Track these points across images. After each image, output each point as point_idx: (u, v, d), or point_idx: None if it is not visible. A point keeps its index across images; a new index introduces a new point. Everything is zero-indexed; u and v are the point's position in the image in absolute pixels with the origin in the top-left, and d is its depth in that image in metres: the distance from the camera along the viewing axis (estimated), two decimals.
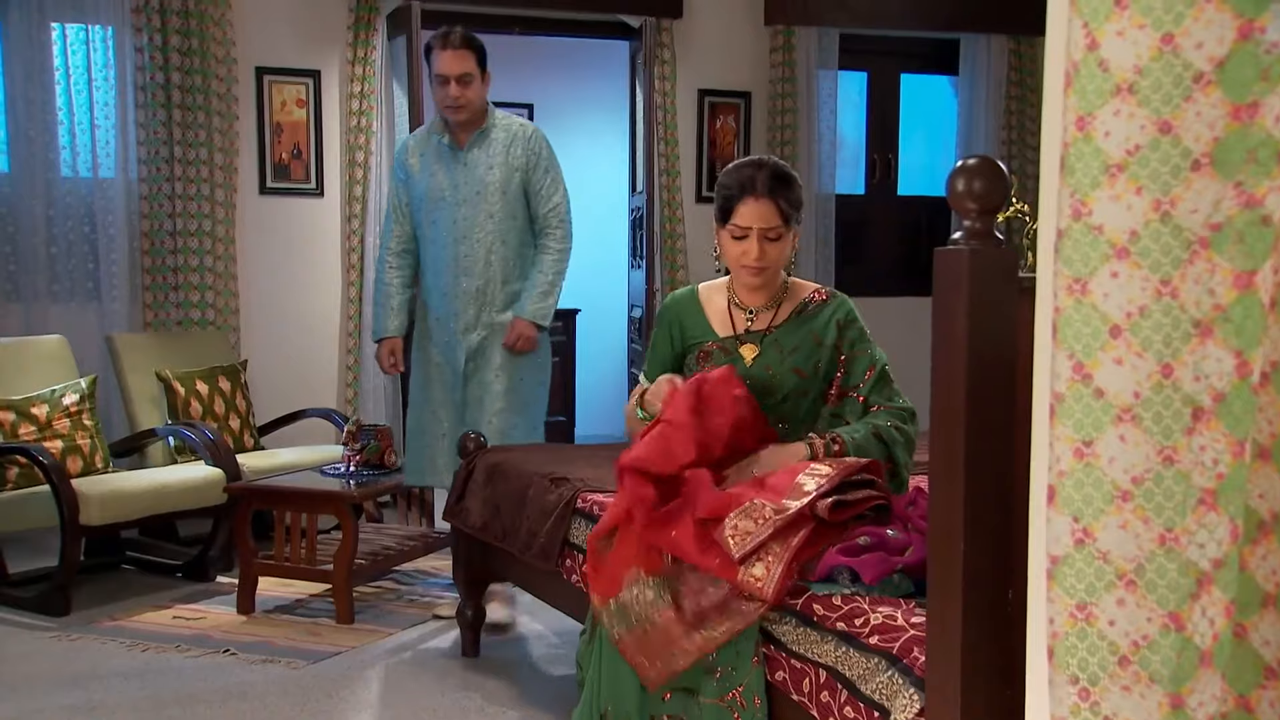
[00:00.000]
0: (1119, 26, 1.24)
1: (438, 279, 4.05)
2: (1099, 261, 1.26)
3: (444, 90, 3.90)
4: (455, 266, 4.01)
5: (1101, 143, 1.25)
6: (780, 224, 2.63)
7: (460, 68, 3.90)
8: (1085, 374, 1.27)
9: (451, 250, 4.01)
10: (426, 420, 4.11)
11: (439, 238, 4.02)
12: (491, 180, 3.98)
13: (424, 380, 4.13)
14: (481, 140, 4.00)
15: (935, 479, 1.94)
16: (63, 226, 5.30)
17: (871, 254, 6.85)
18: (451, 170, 3.99)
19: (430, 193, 4.02)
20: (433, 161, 4.02)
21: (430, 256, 4.07)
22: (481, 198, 3.98)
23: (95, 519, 4.16)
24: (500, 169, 3.98)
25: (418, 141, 4.10)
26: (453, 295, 4.03)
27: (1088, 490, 1.27)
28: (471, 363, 4.05)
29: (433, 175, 4.01)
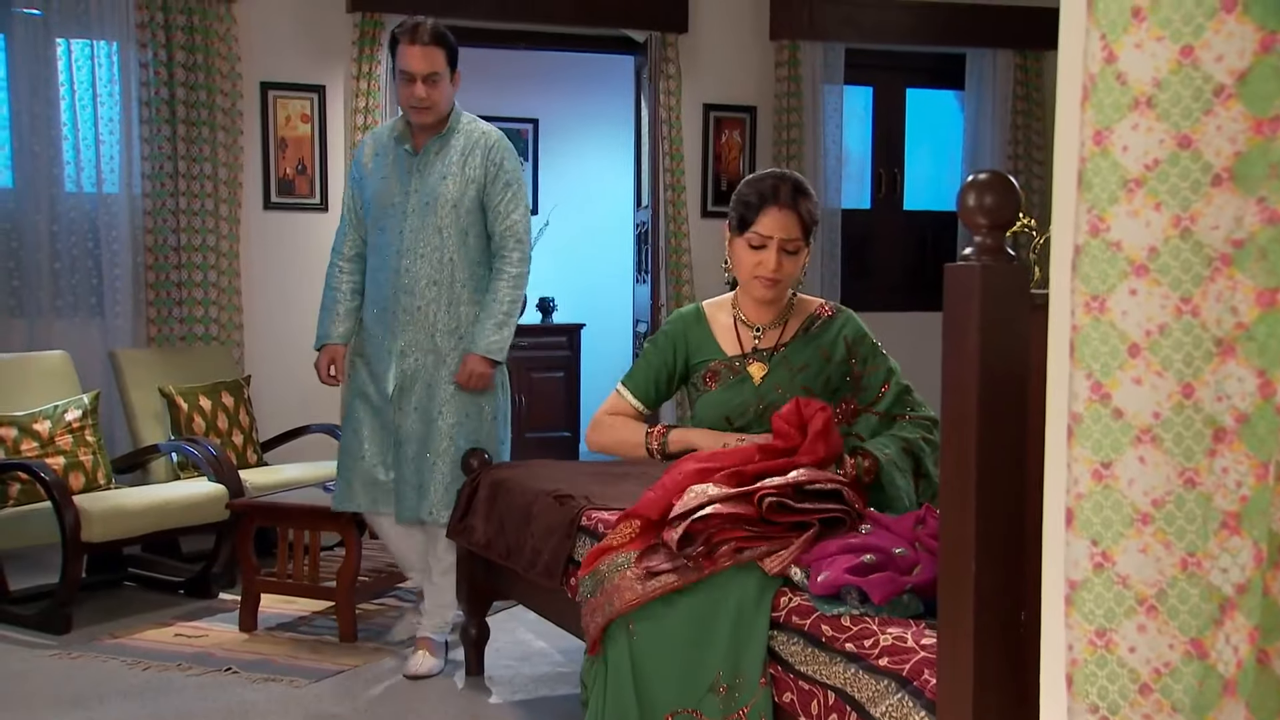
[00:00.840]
0: (1137, 39, 1.22)
1: (378, 293, 3.71)
2: (1117, 279, 1.23)
3: (409, 89, 3.56)
4: (396, 282, 3.64)
5: (1119, 157, 1.23)
6: (800, 236, 2.62)
7: (429, 65, 3.55)
8: (1104, 394, 1.24)
9: (394, 264, 3.64)
10: (349, 440, 3.79)
11: (383, 248, 3.67)
12: (445, 192, 3.61)
13: (353, 397, 3.81)
14: (439, 146, 3.65)
15: (946, 497, 1.91)
16: (66, 242, 5.29)
17: (877, 268, 6.83)
18: (405, 176, 3.65)
19: (380, 198, 3.67)
20: (387, 164, 3.68)
21: (373, 267, 3.73)
22: (432, 210, 3.61)
23: (97, 536, 4.14)
24: (455, 180, 3.62)
25: (377, 140, 3.76)
26: (391, 313, 3.67)
27: (1107, 513, 1.24)
28: (402, 390, 3.68)
29: (384, 179, 3.67)
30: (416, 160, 3.65)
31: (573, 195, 7.90)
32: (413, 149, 3.66)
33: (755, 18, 6.32)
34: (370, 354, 3.76)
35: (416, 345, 3.66)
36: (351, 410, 3.81)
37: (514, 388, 7.21)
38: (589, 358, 7.46)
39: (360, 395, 3.78)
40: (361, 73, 5.66)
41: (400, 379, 3.68)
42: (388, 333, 3.69)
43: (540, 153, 7.96)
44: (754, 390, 2.67)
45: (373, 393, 3.75)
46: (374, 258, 3.72)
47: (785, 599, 2.32)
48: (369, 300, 3.77)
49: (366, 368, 3.77)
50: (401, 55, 3.57)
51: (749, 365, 2.71)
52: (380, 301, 3.71)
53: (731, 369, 2.72)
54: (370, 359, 3.76)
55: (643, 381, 2.81)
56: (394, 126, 3.72)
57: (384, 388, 3.71)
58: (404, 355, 3.67)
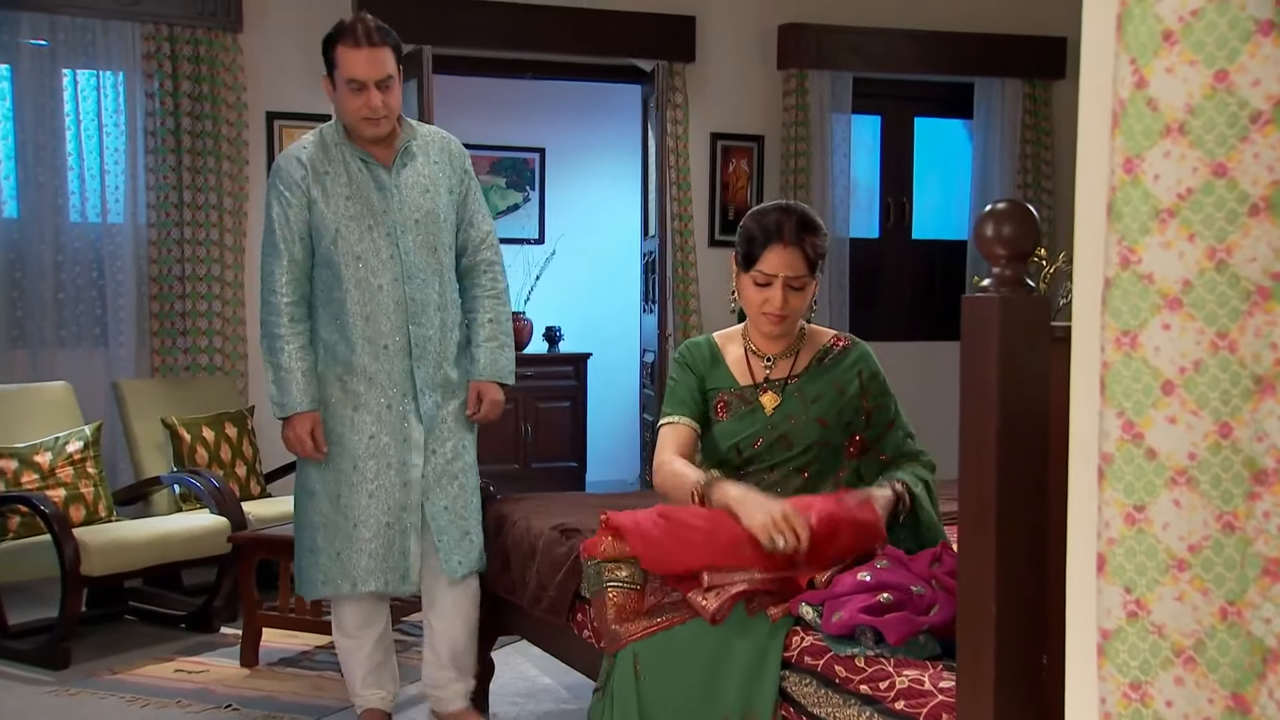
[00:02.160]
0: (1168, 63, 1.17)
1: (369, 328, 3.16)
2: (1149, 313, 1.18)
3: (359, 99, 3.09)
4: (400, 312, 3.17)
5: (1151, 186, 1.18)
6: (806, 273, 2.57)
7: (380, 69, 3.10)
8: (1136, 433, 1.19)
9: (393, 292, 3.17)
10: (330, 514, 3.20)
11: (371, 278, 3.15)
12: (434, 206, 3.24)
13: (336, 463, 3.20)
14: (408, 156, 3.24)
15: (965, 536, 1.85)
16: (71, 272, 5.26)
17: (886, 298, 6.79)
18: (384, 195, 3.18)
19: (351, 223, 3.15)
20: (345, 185, 3.16)
21: (355, 302, 3.15)
22: (423, 227, 3.21)
23: (97, 569, 4.08)
24: (438, 192, 3.25)
25: (311, 160, 3.18)
26: (395, 350, 3.18)
27: (1140, 559, 1.18)
28: (428, 434, 3.24)
29: (351, 201, 3.16)
30: (390, 175, 3.20)
31: (579, 224, 7.87)
32: (378, 162, 3.19)
33: (763, 47, 6.31)
34: (369, 404, 3.20)
35: (429, 381, 3.24)
36: (333, 477, 3.21)
37: (519, 417, 7.19)
38: (595, 387, 7.41)
39: (350, 458, 3.19)
40: None
41: (427, 422, 3.23)
42: (386, 372, 3.19)
43: (547, 182, 7.93)
44: (765, 420, 2.63)
45: (387, 449, 3.20)
46: (356, 292, 3.16)
47: (797, 638, 2.27)
48: (351, 342, 3.18)
49: (369, 423, 3.20)
50: (345, 61, 3.10)
51: (761, 395, 2.66)
52: (373, 338, 3.18)
53: (743, 399, 2.67)
54: (372, 411, 3.20)
55: (680, 402, 2.71)
56: (328, 140, 3.20)
57: (404, 437, 3.21)
58: (422, 394, 3.22)
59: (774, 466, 2.62)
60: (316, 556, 3.23)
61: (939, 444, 3.47)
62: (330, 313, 3.20)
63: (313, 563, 3.24)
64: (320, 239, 3.18)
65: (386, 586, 3.23)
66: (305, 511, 3.27)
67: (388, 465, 3.20)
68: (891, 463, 2.67)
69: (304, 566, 3.27)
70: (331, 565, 3.21)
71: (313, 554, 3.24)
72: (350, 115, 3.14)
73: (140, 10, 5.25)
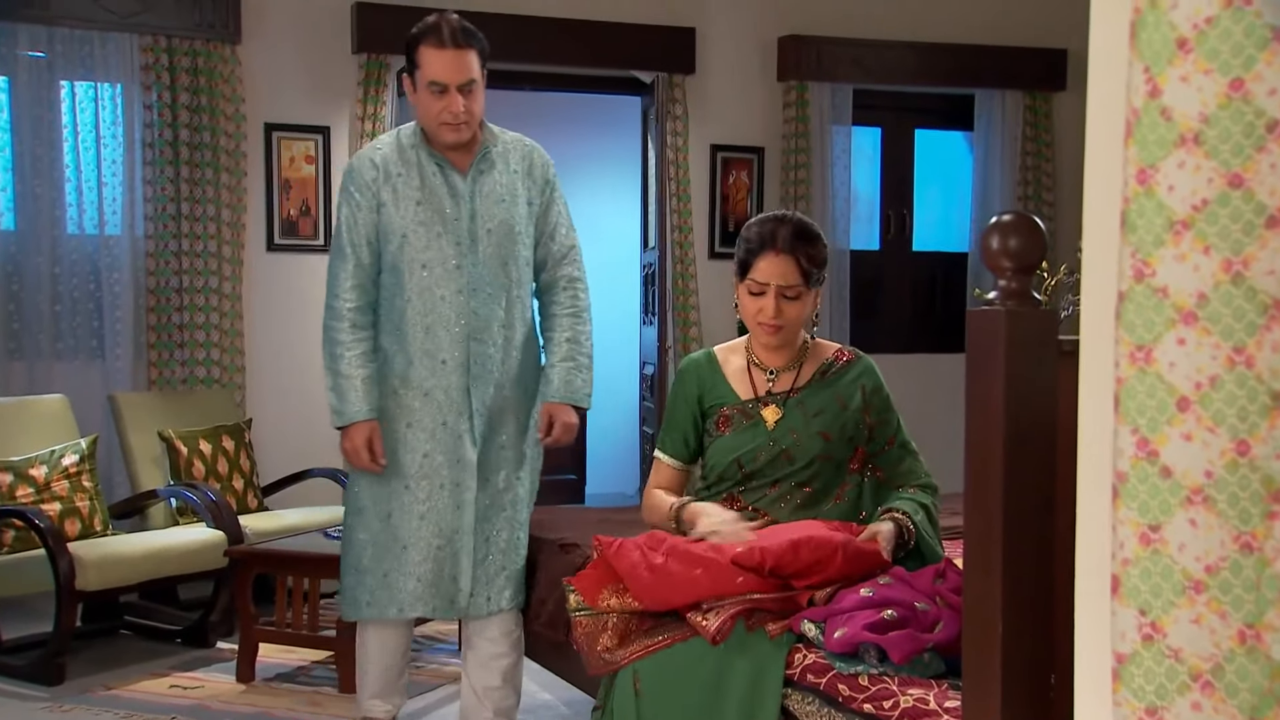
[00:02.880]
0: (1182, 71, 1.14)
1: (428, 340, 3.03)
2: (1164, 327, 1.15)
3: (441, 102, 2.96)
4: (463, 327, 3.02)
5: (1165, 197, 1.15)
6: (799, 282, 2.54)
7: (466, 73, 2.97)
8: (1150, 451, 1.16)
9: (456, 305, 3.01)
10: (380, 533, 3.05)
11: (434, 288, 3.01)
12: (512, 217, 3.08)
13: (387, 480, 3.06)
14: (486, 164, 3.08)
15: (971, 553, 1.82)
16: (68, 284, 5.23)
17: (886, 310, 6.76)
18: (456, 202, 3.04)
19: (420, 228, 3.02)
20: (416, 188, 3.02)
21: (416, 311, 3.02)
22: (495, 238, 3.05)
23: (92, 584, 4.05)
24: (516, 202, 3.09)
25: (385, 161, 3.05)
26: (452, 366, 3.03)
27: (1156, 580, 1.15)
28: (483, 457, 3.08)
29: (422, 206, 3.02)
30: (467, 183, 3.05)
31: (579, 236, 7.84)
32: (456, 169, 3.05)
33: (763, 59, 6.29)
34: (422, 421, 3.05)
35: (486, 402, 3.07)
36: (385, 493, 3.06)
37: None
38: (595, 399, 7.31)
39: (405, 477, 3.05)
40: (366, 114, 5.62)
41: (481, 445, 3.08)
42: (444, 389, 3.03)
43: None
44: (767, 434, 2.60)
45: (440, 469, 3.04)
46: (419, 301, 3.02)
47: (800, 655, 2.24)
48: (411, 353, 3.04)
49: (422, 440, 3.06)
50: (428, 62, 2.96)
51: (762, 409, 2.63)
52: (433, 352, 3.03)
53: (744, 413, 2.64)
54: (425, 429, 3.05)
55: (673, 441, 2.73)
56: (404, 143, 3.07)
57: (459, 457, 3.05)
58: (478, 415, 3.06)
59: (776, 482, 2.59)
60: (363, 577, 3.07)
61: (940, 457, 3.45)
62: (391, 321, 3.05)
63: (358, 582, 3.08)
64: (387, 243, 3.03)
65: (434, 612, 3.10)
66: (354, 529, 3.10)
67: (440, 486, 3.04)
68: (891, 482, 2.64)
69: (349, 586, 3.11)
70: (379, 587, 3.06)
71: (359, 574, 3.08)
72: (430, 119, 3.00)
73: (139, 22, 5.23)
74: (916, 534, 2.51)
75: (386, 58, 5.65)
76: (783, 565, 2.29)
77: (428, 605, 3.07)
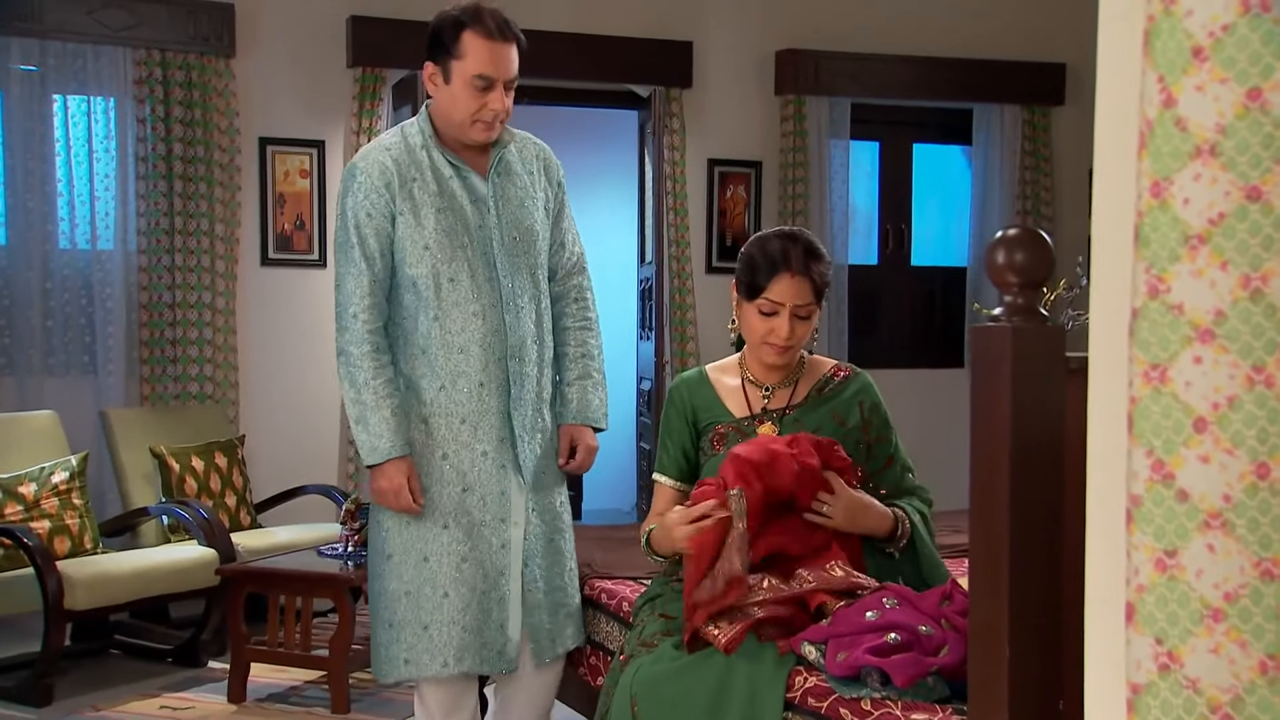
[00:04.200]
0: (1198, 80, 1.10)
1: (462, 362, 2.70)
2: (1179, 345, 1.11)
3: (482, 99, 2.66)
4: (497, 344, 2.71)
5: (1180, 211, 1.11)
6: (813, 300, 2.51)
7: (512, 68, 2.70)
8: (1166, 473, 1.12)
9: (491, 321, 2.70)
10: (415, 580, 2.70)
11: (464, 303, 2.69)
12: (534, 220, 2.79)
13: (420, 520, 2.71)
14: (505, 165, 2.79)
15: (976, 575, 1.78)
16: (59, 299, 5.19)
17: (884, 325, 6.73)
18: (479, 208, 2.73)
19: (445, 240, 2.69)
20: (437, 196, 2.70)
21: (445, 331, 2.69)
22: (523, 245, 2.76)
23: (81, 603, 4.00)
24: (539, 205, 2.82)
25: (397, 163, 2.70)
26: (490, 388, 2.71)
27: (1172, 608, 1.10)
28: (534, 489, 2.78)
29: (444, 214, 2.69)
30: (485, 186, 2.75)
31: None
32: (469, 169, 2.74)
33: (760, 72, 6.27)
34: (456, 455, 2.72)
35: (527, 426, 2.76)
36: (409, 537, 2.71)
37: None
38: None
39: (431, 514, 2.71)
40: (362, 128, 5.59)
41: (527, 475, 2.77)
42: (482, 413, 2.72)
43: None
44: None
45: (474, 507, 2.72)
46: (447, 318, 2.70)
47: (800, 678, 2.20)
48: (438, 376, 2.71)
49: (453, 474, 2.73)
50: (475, 52, 2.64)
51: (758, 427, 2.58)
52: (470, 374, 2.70)
53: (740, 431, 2.59)
54: (459, 464, 2.72)
55: (671, 461, 2.67)
56: (412, 142, 2.74)
57: (498, 491, 2.73)
58: (520, 440, 2.75)
59: None
60: (398, 631, 2.70)
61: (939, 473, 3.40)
62: (415, 344, 2.71)
63: (394, 639, 2.70)
64: (404, 257, 2.68)
65: (482, 666, 2.72)
66: (383, 578, 2.73)
67: (483, 524, 2.71)
68: (889, 498, 2.60)
69: (384, 643, 2.73)
70: (417, 641, 2.68)
71: (393, 629, 2.70)
72: (462, 114, 2.67)
73: (132, 36, 5.21)
74: (914, 532, 2.47)
75: (382, 71, 5.62)
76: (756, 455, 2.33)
77: (475, 658, 2.70)
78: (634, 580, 3.03)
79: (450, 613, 2.68)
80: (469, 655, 2.69)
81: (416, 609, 2.69)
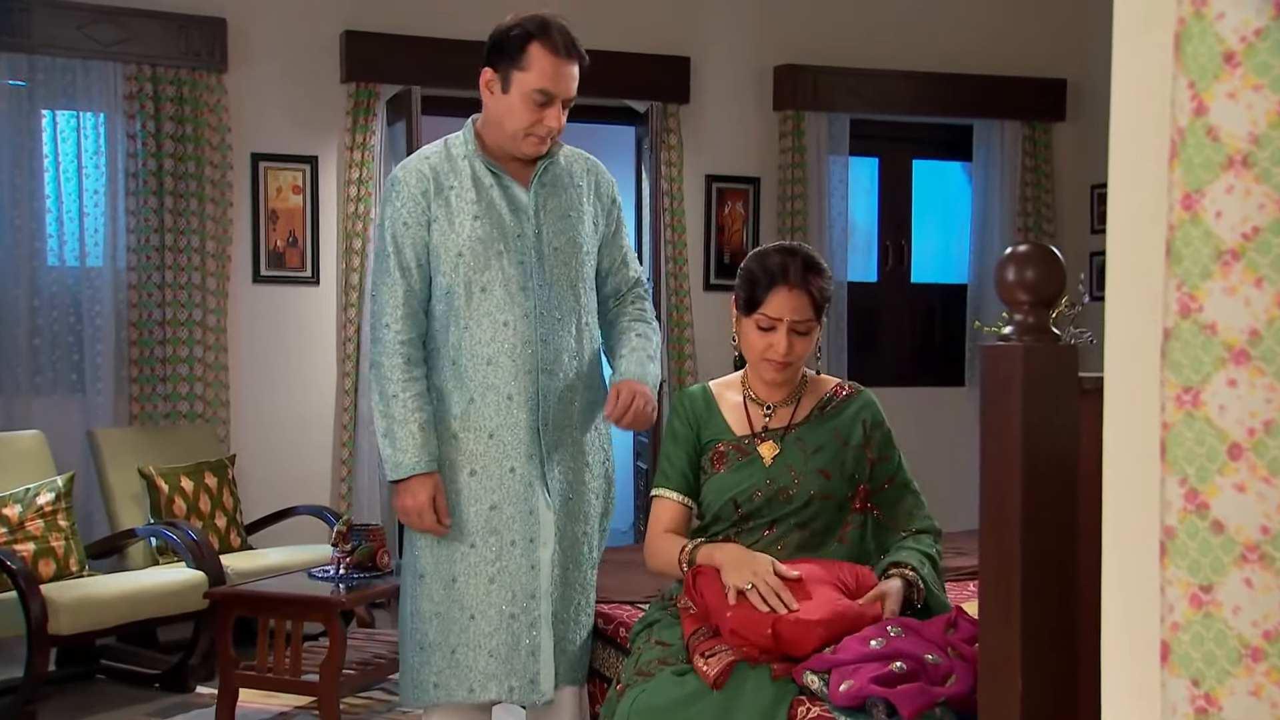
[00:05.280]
0: (1230, 87, 1.04)
1: (491, 374, 2.62)
2: (1213, 367, 1.05)
3: (539, 114, 2.62)
4: (530, 358, 2.62)
5: (1212, 225, 1.05)
6: (812, 316, 2.45)
7: (573, 87, 2.67)
8: (1200, 503, 1.05)
9: (523, 333, 2.62)
10: (444, 602, 2.62)
11: (496, 313, 2.62)
12: (579, 234, 2.73)
13: (448, 539, 2.63)
14: (550, 176, 2.73)
15: (987, 604, 1.72)
16: (47, 317, 5.12)
17: (884, 343, 6.67)
18: (519, 217, 2.66)
19: (480, 247, 2.63)
20: (474, 203, 2.65)
21: (475, 341, 2.62)
22: (564, 257, 2.68)
23: (65, 628, 3.92)
24: (586, 219, 2.76)
25: (440, 173, 2.67)
26: (520, 402, 2.62)
27: (1209, 648, 1.04)
28: (560, 511, 2.67)
29: (480, 221, 2.63)
30: (529, 197, 2.69)
31: None
32: (512, 178, 2.69)
33: (758, 88, 6.22)
34: (486, 470, 2.64)
35: (557, 444, 2.67)
36: (440, 556, 2.64)
37: None
38: None
39: (459, 533, 2.63)
40: (355, 143, 5.54)
41: (555, 496, 2.66)
42: (509, 427, 2.63)
43: None
44: (764, 471, 2.48)
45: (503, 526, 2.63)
46: (477, 328, 2.63)
47: (803, 709, 2.13)
48: (470, 389, 2.64)
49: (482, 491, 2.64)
50: (540, 66, 2.60)
51: (759, 445, 2.52)
52: (500, 387, 2.62)
53: (740, 450, 2.53)
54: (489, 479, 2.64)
55: (675, 474, 2.58)
56: (454, 152, 2.71)
57: (528, 507, 2.63)
58: (549, 459, 2.66)
59: (774, 522, 2.48)
60: (428, 654, 2.62)
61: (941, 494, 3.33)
62: (445, 354, 2.65)
63: (423, 661, 2.62)
64: (439, 265, 2.64)
65: (511, 694, 2.61)
66: (415, 598, 2.66)
67: (511, 543, 2.61)
68: (889, 523, 2.53)
69: (414, 665, 2.65)
70: (446, 665, 2.60)
71: (424, 651, 2.62)
72: (515, 125, 2.63)
73: (122, 50, 5.15)
74: (925, 591, 2.38)
75: (376, 87, 5.57)
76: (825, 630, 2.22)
77: (503, 685, 2.60)
78: (631, 605, 2.96)
79: (476, 637, 2.60)
80: (495, 682, 2.60)
81: (445, 632, 2.61)
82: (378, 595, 4.21)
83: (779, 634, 2.19)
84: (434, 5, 5.71)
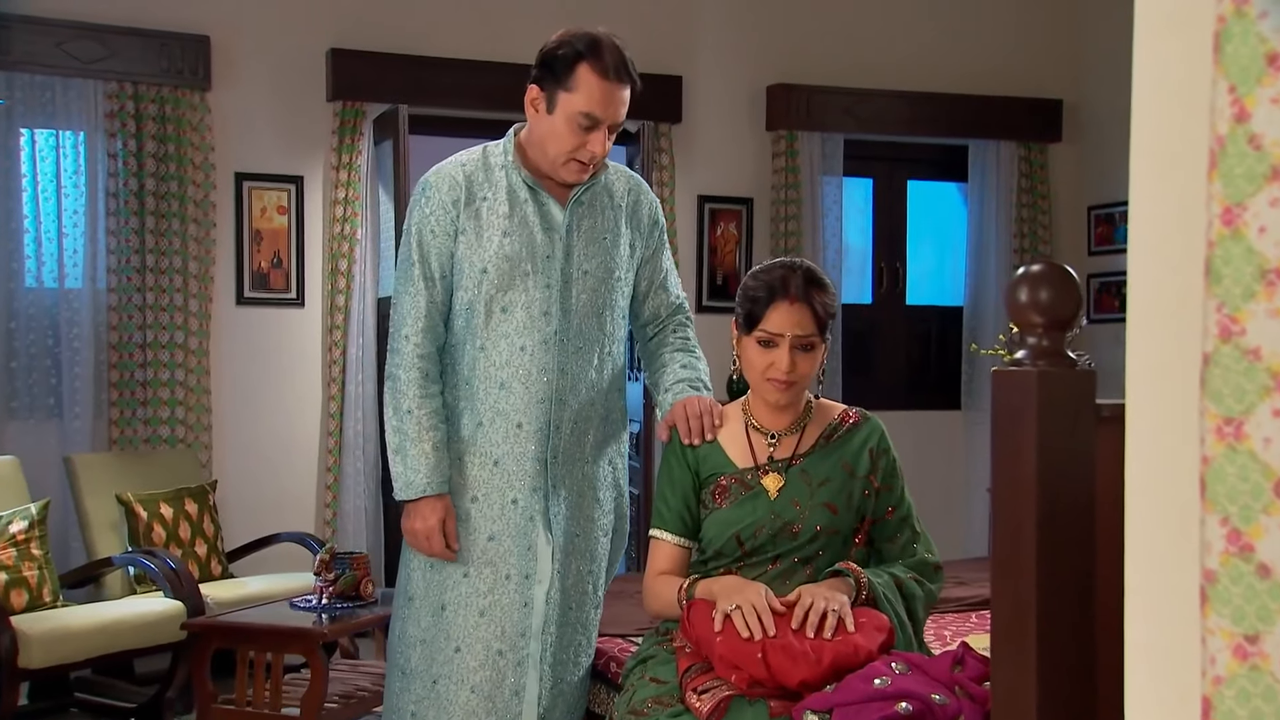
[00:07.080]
0: (1273, 92, 0.95)
1: (503, 399, 2.52)
2: (1257, 396, 0.95)
3: (583, 138, 2.47)
4: (545, 386, 2.52)
5: (1255, 241, 0.96)
6: (815, 331, 2.36)
7: (621, 112, 2.52)
8: (1244, 545, 0.96)
9: (540, 359, 2.51)
10: (430, 629, 2.54)
11: (514, 335, 2.51)
12: (612, 259, 2.60)
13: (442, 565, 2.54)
14: (590, 195, 2.59)
15: (1000, 642, 1.63)
16: (24, 339, 5.01)
17: (880, 365, 6.58)
18: (550, 237, 2.53)
19: (506, 265, 2.51)
20: (505, 218, 2.52)
21: (490, 363, 2.52)
22: (593, 282, 2.57)
23: (37, 661, 3.81)
24: (623, 243, 2.62)
25: (474, 183, 2.55)
26: (529, 431, 2.52)
27: (1256, 704, 0.94)
28: (563, 551, 2.57)
29: (509, 238, 2.50)
30: (566, 217, 2.55)
31: None
32: (549, 195, 2.55)
33: (751, 107, 6.15)
34: (487, 498, 2.54)
35: (563, 479, 2.58)
36: (431, 582, 2.55)
37: None
38: None
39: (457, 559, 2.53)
40: (341, 163, 5.45)
41: (557, 533, 2.56)
42: (529, 461, 2.53)
43: None
44: (769, 505, 2.38)
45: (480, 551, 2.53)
46: (494, 351, 2.52)
47: None
48: (480, 412, 2.54)
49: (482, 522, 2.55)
50: (588, 89, 2.46)
51: (763, 478, 2.41)
52: (510, 414, 2.52)
53: (743, 483, 2.42)
54: (489, 508, 2.55)
55: (672, 516, 2.48)
56: (492, 162, 2.57)
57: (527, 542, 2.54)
58: (555, 494, 2.56)
59: (777, 558, 2.38)
60: (409, 681, 2.53)
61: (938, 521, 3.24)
62: (458, 373, 2.55)
63: (404, 688, 2.54)
64: (461, 279, 2.52)
65: None
66: (403, 621, 2.57)
67: (506, 577, 2.51)
68: (883, 556, 2.43)
69: (395, 690, 2.57)
70: (426, 695, 2.50)
71: (405, 677, 2.54)
72: (558, 149, 2.49)
73: (103, 68, 5.06)
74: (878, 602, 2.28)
75: (362, 105, 5.49)
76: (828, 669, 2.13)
77: None
78: (623, 638, 2.86)
79: (460, 670, 2.50)
80: (475, 718, 2.49)
81: (429, 660, 2.52)
82: (361, 626, 4.10)
83: (769, 661, 2.10)
84: (421, 24, 5.64)
